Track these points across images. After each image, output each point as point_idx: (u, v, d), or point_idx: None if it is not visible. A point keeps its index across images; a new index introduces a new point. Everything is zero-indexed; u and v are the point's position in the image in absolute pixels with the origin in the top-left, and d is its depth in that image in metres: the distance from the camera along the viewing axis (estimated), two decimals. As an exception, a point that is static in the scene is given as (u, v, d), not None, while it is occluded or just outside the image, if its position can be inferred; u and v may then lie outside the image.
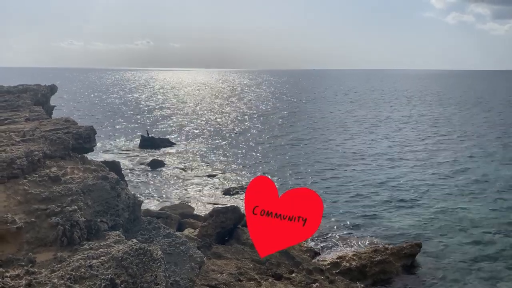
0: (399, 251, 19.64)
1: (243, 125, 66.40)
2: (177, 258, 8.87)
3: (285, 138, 54.54)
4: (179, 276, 8.31)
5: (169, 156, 43.36)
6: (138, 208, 10.58)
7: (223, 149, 47.19)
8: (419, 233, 23.90)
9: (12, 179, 9.67)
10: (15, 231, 7.91)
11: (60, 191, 9.30)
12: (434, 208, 27.75)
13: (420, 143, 50.68)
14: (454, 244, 22.56)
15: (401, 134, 57.75)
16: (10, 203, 8.77)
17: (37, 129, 14.42)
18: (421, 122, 69.02)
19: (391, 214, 26.74)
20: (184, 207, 26.51)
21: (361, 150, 46.30)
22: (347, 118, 75.29)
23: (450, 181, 33.91)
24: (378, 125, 66.40)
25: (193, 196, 29.97)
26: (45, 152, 11.54)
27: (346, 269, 18.26)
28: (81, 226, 8.30)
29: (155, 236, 9.62)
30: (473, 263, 20.40)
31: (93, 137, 15.49)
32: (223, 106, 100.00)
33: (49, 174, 10.14)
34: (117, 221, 9.35)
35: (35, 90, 28.08)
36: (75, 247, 7.89)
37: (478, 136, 55.28)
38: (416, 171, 37.33)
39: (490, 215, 26.52)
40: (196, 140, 53.47)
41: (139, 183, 33.70)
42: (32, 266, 7.11)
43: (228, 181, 33.98)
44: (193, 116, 78.42)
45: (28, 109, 20.46)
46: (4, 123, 16.19)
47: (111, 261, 6.98)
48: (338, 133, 57.92)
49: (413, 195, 30.38)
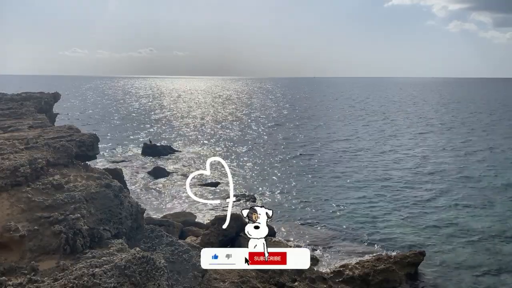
0: (403, 260, 19.50)
1: (246, 133, 66.43)
2: (180, 266, 8.84)
3: (290, 145, 54.50)
4: (182, 285, 8.28)
5: (172, 164, 43.37)
6: (141, 216, 10.57)
7: (226, 157, 47.17)
8: (423, 241, 23.77)
9: (16, 186, 9.67)
10: (18, 239, 7.90)
11: (63, 198, 9.30)
12: (438, 217, 27.61)
13: (424, 152, 50.56)
14: (458, 253, 22.41)
15: (405, 143, 57.67)
16: (14, 211, 8.77)
17: (40, 136, 14.45)
18: (427, 131, 68.83)
19: (394, 223, 26.61)
20: (187, 215, 26.44)
21: (365, 159, 46.21)
22: (354, 125, 75.30)
23: (455, 190, 33.76)
24: (385, 134, 66.32)
25: (195, 204, 29.91)
26: (49, 159, 11.56)
27: (349, 277, 18.14)
28: (84, 234, 8.29)
29: (158, 244, 9.60)
30: (478, 273, 20.24)
31: (96, 145, 15.52)
32: (226, 114, 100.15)
33: (52, 182, 10.15)
34: (120, 229, 9.33)
35: (38, 98, 28.19)
36: (77, 255, 7.87)
37: (485, 145, 55.08)
38: (420, 180, 37.20)
39: (495, 225, 26.36)
40: (198, 147, 53.49)
41: (141, 190, 33.69)
42: (35, 275, 7.09)
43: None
44: (196, 124, 78.53)
45: (32, 116, 20.53)
46: (7, 131, 16.23)
47: (114, 270, 6.96)
48: (345, 142, 57.85)
49: (417, 204, 30.23)
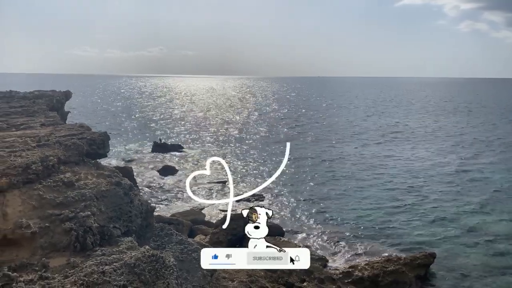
0: (413, 261, 19.29)
1: (256, 132, 66.42)
2: (189, 265, 8.84)
3: (299, 145, 54.37)
4: (191, 284, 8.28)
5: (181, 162, 43.54)
6: (150, 215, 10.60)
7: (235, 155, 47.22)
8: (433, 243, 23.53)
9: (27, 184, 9.76)
10: (29, 235, 7.96)
11: (74, 196, 9.36)
12: (449, 218, 27.34)
13: (435, 153, 50.11)
14: (469, 255, 22.14)
15: (417, 144, 57.21)
16: (25, 208, 8.84)
17: (52, 134, 14.57)
18: (437, 132, 68.17)
19: (404, 223, 26.39)
20: (196, 214, 26.51)
21: (375, 159, 45.93)
22: (364, 125, 74.88)
23: (466, 191, 33.40)
24: (395, 135, 65.85)
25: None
26: (60, 157, 11.65)
27: (358, 278, 18.01)
28: (94, 232, 8.33)
29: (167, 242, 9.62)
30: (489, 275, 19.97)
31: (107, 143, 15.61)
32: (235, 112, 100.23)
33: (63, 179, 10.22)
34: (130, 227, 9.36)
35: (50, 96, 28.48)
36: (88, 252, 7.91)
37: (497, 146, 54.41)
38: (431, 180, 36.86)
39: (506, 226, 26.02)
40: (207, 146, 53.62)
41: (150, 188, 33.84)
42: (46, 271, 7.14)
43: (240, 187, 33.94)
44: (205, 122, 78.71)
45: (43, 114, 20.73)
46: (20, 128, 16.40)
47: (123, 268, 6.98)
48: (353, 142, 57.57)
49: (427, 205, 29.96)
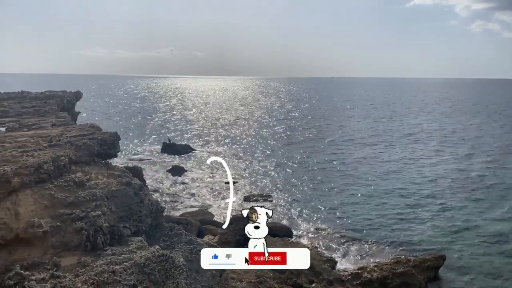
0: (422, 263, 19.16)
1: (264, 133, 66.41)
2: (198, 265, 8.89)
3: (308, 146, 54.28)
4: (200, 284, 8.32)
5: (190, 162, 43.70)
6: (160, 215, 10.67)
7: (243, 156, 47.27)
8: (442, 245, 23.33)
9: (39, 183, 9.88)
10: (41, 235, 8.07)
11: (85, 196, 9.46)
12: (458, 220, 27.09)
13: (445, 155, 49.69)
14: (479, 257, 21.93)
15: (425, 146, 56.79)
16: (37, 207, 8.96)
17: (63, 134, 14.73)
18: (449, 135, 67.43)
19: (413, 225, 26.21)
20: (204, 214, 26.60)
21: (384, 161, 45.69)
22: (375, 127, 74.49)
23: (475, 193, 33.08)
24: (405, 136, 65.41)
25: (213, 202, 30.04)
26: (71, 157, 11.78)
27: (367, 280, 17.92)
28: (104, 231, 8.41)
29: (177, 242, 9.67)
30: (499, 278, 19.78)
31: (117, 143, 15.73)
32: (244, 113, 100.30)
33: (74, 179, 10.34)
34: (139, 226, 9.44)
35: (61, 96, 28.78)
36: (98, 252, 7.99)
37: (506, 147, 53.84)
38: (440, 182, 36.57)
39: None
40: (216, 146, 53.75)
41: (159, 188, 34.02)
42: (57, 270, 7.23)
43: (248, 188, 33.97)
44: (215, 123, 78.91)
45: (54, 114, 20.96)
46: (31, 128, 16.61)
47: (133, 267, 7.04)
48: (365, 144, 57.32)
49: (436, 206, 29.73)
